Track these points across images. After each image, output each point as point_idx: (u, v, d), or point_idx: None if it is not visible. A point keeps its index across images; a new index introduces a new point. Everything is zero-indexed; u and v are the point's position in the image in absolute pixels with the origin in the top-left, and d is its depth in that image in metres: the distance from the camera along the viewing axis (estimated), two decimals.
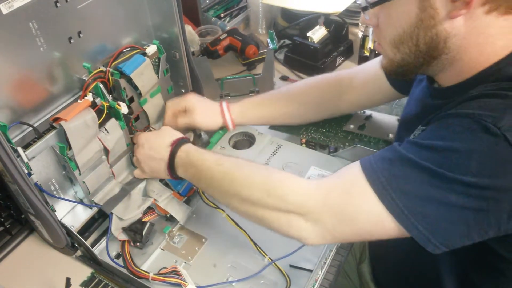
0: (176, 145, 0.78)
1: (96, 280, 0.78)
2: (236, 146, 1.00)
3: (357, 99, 0.95)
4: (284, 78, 1.24)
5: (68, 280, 0.74)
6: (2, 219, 0.85)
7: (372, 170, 0.59)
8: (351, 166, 0.63)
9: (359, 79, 0.93)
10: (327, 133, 1.00)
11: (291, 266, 0.77)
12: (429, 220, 0.56)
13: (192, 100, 0.92)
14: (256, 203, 0.67)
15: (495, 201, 0.53)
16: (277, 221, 0.66)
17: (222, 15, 1.42)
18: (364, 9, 0.65)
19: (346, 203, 0.61)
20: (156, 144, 0.81)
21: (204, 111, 0.92)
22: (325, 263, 0.77)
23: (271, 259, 0.77)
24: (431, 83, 0.71)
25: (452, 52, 0.60)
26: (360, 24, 1.36)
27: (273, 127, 1.05)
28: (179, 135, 0.81)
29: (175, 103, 0.93)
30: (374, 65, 0.91)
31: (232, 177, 0.70)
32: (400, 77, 0.69)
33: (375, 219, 0.59)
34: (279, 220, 0.65)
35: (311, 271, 0.76)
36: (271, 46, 1.13)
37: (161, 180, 0.88)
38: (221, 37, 1.24)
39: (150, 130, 0.93)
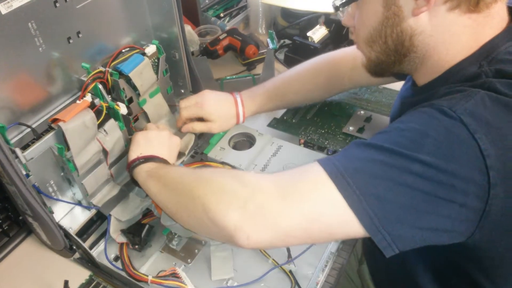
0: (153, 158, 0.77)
1: (95, 282, 0.77)
2: (236, 147, 0.99)
3: (362, 78, 0.94)
4: None
5: (66, 283, 0.73)
6: (0, 221, 0.84)
7: (327, 159, 0.56)
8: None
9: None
10: (326, 134, 1.00)
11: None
12: (381, 204, 0.51)
13: (209, 109, 0.92)
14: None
15: (450, 187, 0.51)
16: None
17: (221, 14, 1.42)
18: (336, 9, 0.67)
19: (296, 185, 0.56)
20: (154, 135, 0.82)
21: (222, 121, 0.94)
22: (326, 266, 0.76)
23: (276, 263, 0.76)
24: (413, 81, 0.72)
25: (421, 50, 0.62)
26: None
27: (272, 126, 1.04)
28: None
29: (190, 109, 0.92)
30: None
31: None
32: (379, 75, 0.70)
33: (328, 205, 0.53)
34: None
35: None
36: (271, 46, 1.13)
37: None
38: (221, 37, 1.23)
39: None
